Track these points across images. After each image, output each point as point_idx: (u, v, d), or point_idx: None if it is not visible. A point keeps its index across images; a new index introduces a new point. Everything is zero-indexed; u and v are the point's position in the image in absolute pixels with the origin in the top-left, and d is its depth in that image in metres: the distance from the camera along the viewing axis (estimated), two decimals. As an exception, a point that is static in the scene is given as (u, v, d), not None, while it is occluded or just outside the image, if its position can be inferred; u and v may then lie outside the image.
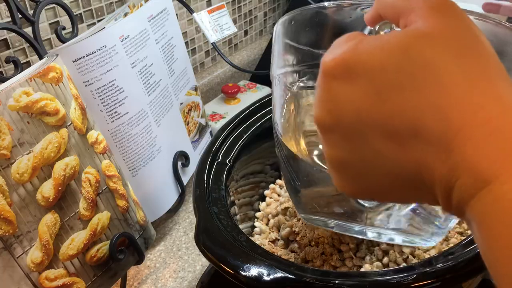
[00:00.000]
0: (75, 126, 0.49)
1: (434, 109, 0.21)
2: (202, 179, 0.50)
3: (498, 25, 0.34)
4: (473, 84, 0.21)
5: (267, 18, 1.16)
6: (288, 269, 0.37)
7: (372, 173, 0.24)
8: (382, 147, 0.23)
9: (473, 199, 0.20)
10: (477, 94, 0.21)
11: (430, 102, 0.21)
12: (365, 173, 0.25)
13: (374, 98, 0.22)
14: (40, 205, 0.45)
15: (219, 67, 1.03)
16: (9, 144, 0.43)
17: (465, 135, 0.20)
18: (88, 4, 0.74)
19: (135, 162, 0.61)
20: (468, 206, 0.20)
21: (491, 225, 0.19)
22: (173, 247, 0.65)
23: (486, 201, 0.20)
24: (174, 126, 0.69)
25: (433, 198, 0.23)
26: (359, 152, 0.24)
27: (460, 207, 0.21)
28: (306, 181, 0.44)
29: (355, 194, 0.27)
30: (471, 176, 0.20)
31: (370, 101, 0.22)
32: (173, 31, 0.68)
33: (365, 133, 0.23)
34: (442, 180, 0.21)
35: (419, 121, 0.21)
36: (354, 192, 0.27)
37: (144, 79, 0.61)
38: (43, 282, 0.45)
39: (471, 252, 0.37)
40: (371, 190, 0.26)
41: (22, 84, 0.44)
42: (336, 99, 0.24)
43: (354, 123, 0.23)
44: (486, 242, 0.20)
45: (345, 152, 0.25)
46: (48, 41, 0.70)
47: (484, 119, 0.20)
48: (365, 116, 0.23)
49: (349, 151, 0.24)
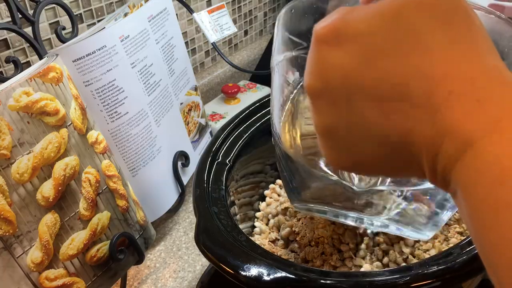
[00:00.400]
0: (75, 126, 0.49)
1: (420, 74, 0.21)
2: (202, 179, 0.50)
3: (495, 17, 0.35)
4: (460, 53, 0.21)
5: (267, 18, 1.16)
6: (288, 269, 0.37)
7: (358, 141, 0.24)
8: (369, 112, 0.23)
9: (457, 163, 0.20)
10: (464, 62, 0.21)
11: (416, 67, 0.21)
12: (351, 141, 0.25)
13: (362, 63, 0.22)
14: (40, 205, 0.45)
15: (219, 67, 1.03)
16: (9, 144, 0.43)
17: (452, 99, 0.20)
18: (88, 4, 0.74)
19: (135, 162, 0.61)
20: (453, 172, 0.21)
21: (475, 188, 0.19)
22: (173, 247, 0.65)
23: (470, 162, 0.20)
24: (174, 126, 0.69)
25: (418, 168, 0.23)
26: (346, 117, 0.24)
27: (445, 175, 0.21)
28: (300, 174, 0.45)
29: (342, 164, 0.27)
30: (456, 137, 0.20)
31: (358, 66, 0.23)
32: (173, 31, 0.68)
33: (353, 97, 0.23)
34: (428, 145, 0.21)
35: (406, 86, 0.21)
36: (341, 162, 0.27)
37: (144, 79, 0.61)
38: (43, 282, 0.45)
39: (471, 252, 0.37)
40: (358, 160, 0.26)
41: (22, 84, 0.44)
42: (326, 65, 0.24)
43: (342, 87, 0.23)
44: (470, 211, 0.20)
45: (333, 118, 0.25)
46: (48, 41, 0.70)
47: (471, 87, 0.20)
48: (353, 80, 0.23)
49: (337, 117, 0.25)
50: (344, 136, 0.25)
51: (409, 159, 0.23)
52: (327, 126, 0.26)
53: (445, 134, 0.20)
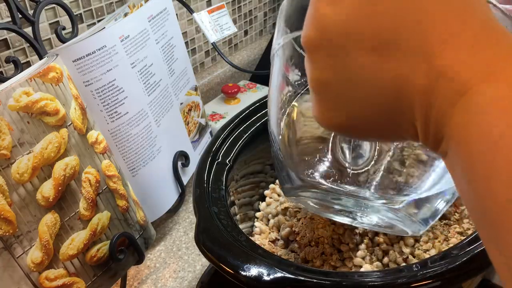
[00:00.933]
0: (75, 126, 0.49)
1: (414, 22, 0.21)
2: (202, 179, 0.50)
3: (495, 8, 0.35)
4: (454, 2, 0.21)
5: (267, 18, 1.16)
6: (288, 269, 0.37)
7: (353, 94, 0.24)
8: (364, 62, 0.23)
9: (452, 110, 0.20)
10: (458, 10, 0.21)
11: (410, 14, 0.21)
12: (346, 95, 0.25)
13: (358, 11, 0.23)
14: (40, 205, 0.45)
15: (219, 67, 1.03)
16: (9, 144, 0.43)
17: (445, 47, 0.20)
18: (88, 4, 0.74)
19: (135, 162, 0.61)
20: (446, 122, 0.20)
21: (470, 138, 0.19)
22: (173, 247, 0.65)
23: (465, 106, 0.19)
24: (174, 126, 0.69)
25: (411, 126, 0.23)
26: (341, 69, 0.24)
27: (437, 130, 0.21)
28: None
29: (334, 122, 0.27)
30: (451, 84, 0.20)
31: (353, 15, 0.23)
32: (173, 31, 0.68)
33: (349, 47, 0.23)
34: (421, 94, 0.21)
35: (399, 34, 0.21)
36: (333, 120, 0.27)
37: (144, 79, 0.61)
38: (43, 282, 0.45)
39: (471, 252, 0.37)
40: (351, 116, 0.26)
41: (22, 84, 0.44)
42: (323, 16, 0.24)
43: (339, 37, 0.23)
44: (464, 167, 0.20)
45: (329, 70, 0.25)
46: (48, 41, 0.70)
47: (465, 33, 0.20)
48: (349, 29, 0.23)
49: (332, 69, 0.25)
50: (338, 89, 0.25)
51: (402, 115, 0.23)
52: (323, 79, 0.26)
53: (439, 82, 0.20)
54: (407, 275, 0.36)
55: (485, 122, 0.19)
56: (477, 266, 0.36)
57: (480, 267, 0.37)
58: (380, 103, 0.24)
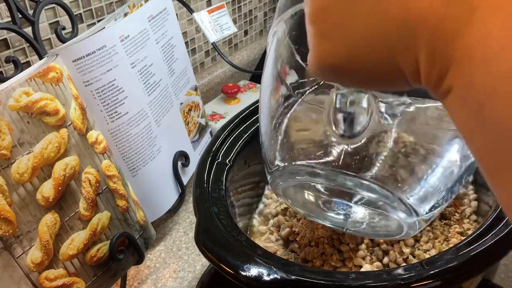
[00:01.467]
0: (75, 126, 0.49)
1: None
2: (202, 179, 0.50)
3: None
4: None
5: (267, 18, 1.16)
6: (288, 269, 0.37)
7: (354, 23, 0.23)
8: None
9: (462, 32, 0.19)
10: None
11: None
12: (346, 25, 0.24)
13: None
14: (40, 205, 0.45)
15: (219, 67, 1.03)
16: (9, 144, 0.43)
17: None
18: (88, 4, 0.74)
19: (135, 162, 0.61)
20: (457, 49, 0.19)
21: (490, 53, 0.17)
22: (173, 247, 0.65)
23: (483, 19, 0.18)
24: (174, 126, 0.69)
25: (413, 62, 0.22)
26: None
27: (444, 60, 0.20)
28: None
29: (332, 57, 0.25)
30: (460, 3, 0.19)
31: None
32: (173, 31, 0.68)
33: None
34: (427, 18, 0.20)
35: None
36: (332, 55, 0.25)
37: (144, 79, 0.61)
38: (43, 282, 0.45)
39: (471, 252, 0.37)
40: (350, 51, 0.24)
41: (22, 84, 0.44)
42: None
43: None
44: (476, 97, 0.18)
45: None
46: (48, 41, 0.70)
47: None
48: None
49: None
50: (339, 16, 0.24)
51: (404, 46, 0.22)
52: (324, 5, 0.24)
53: (447, 3, 0.19)
54: (407, 275, 0.36)
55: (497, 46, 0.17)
56: (477, 266, 0.36)
57: (480, 267, 0.37)
58: (383, 30, 0.22)
